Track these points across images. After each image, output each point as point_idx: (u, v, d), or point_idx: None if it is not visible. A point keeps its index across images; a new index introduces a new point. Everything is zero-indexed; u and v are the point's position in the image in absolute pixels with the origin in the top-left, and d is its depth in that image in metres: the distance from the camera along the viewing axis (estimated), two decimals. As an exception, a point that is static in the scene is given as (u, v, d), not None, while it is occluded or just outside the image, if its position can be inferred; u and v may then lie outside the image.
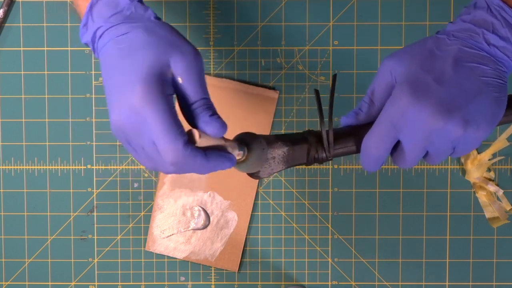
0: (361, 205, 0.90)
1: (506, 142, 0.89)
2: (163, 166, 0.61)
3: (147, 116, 0.59)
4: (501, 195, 0.90)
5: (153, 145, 0.60)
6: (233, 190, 0.90)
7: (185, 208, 0.90)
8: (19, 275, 0.91)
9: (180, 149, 0.59)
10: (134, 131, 0.60)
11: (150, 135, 0.59)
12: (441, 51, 0.64)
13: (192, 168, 0.61)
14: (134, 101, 0.59)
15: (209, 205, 0.90)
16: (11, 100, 0.90)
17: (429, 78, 0.62)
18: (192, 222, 0.90)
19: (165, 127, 0.59)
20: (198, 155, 0.60)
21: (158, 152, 0.60)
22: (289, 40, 0.89)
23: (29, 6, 0.89)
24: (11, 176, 0.90)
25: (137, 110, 0.59)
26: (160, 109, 0.59)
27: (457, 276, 0.90)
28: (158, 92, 0.59)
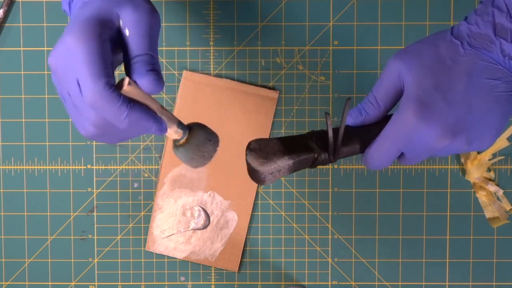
0: (361, 205, 0.90)
1: (506, 142, 0.89)
2: (84, 111, 0.59)
3: (77, 53, 0.58)
4: (501, 195, 0.90)
5: (77, 86, 0.58)
6: (233, 190, 0.90)
7: (185, 208, 0.90)
8: (19, 275, 0.91)
9: (100, 88, 0.57)
10: (63, 71, 0.59)
11: (76, 73, 0.58)
12: (454, 61, 0.62)
13: (111, 114, 0.58)
14: (69, 39, 0.58)
15: (209, 205, 0.90)
16: (11, 100, 0.90)
17: (439, 98, 0.61)
18: (192, 222, 0.90)
19: (91, 65, 0.57)
20: (120, 100, 0.58)
21: (80, 94, 0.58)
22: (289, 40, 0.89)
23: (29, 6, 0.89)
24: (11, 176, 0.90)
25: (68, 48, 0.58)
26: (90, 47, 0.58)
27: (457, 276, 0.90)
28: (94, 32, 0.58)
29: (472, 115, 0.62)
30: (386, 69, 0.65)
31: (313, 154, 0.65)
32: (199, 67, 0.90)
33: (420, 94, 0.61)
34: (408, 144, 0.63)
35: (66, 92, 0.60)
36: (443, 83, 0.61)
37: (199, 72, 0.90)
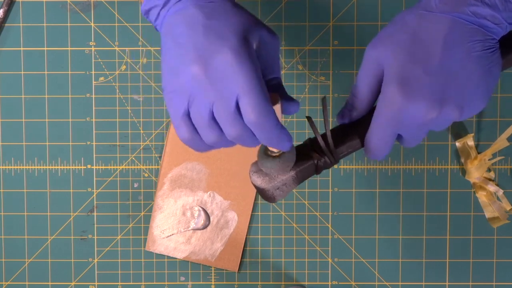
0: (361, 205, 0.90)
1: (506, 142, 0.89)
2: (227, 126, 0.60)
3: (238, 73, 0.58)
4: (501, 195, 0.90)
5: (233, 101, 0.59)
6: (233, 190, 0.90)
7: (185, 208, 0.90)
8: (19, 275, 0.91)
9: (266, 107, 0.58)
10: (218, 83, 0.59)
11: (237, 89, 0.58)
12: (427, 32, 0.62)
13: (266, 132, 0.60)
14: (227, 55, 0.58)
15: (209, 205, 0.90)
16: (11, 100, 0.90)
17: (419, 71, 0.61)
18: (192, 222, 0.90)
19: (258, 87, 0.58)
20: (275, 118, 0.60)
21: (232, 110, 0.59)
22: (289, 40, 0.89)
23: (29, 6, 0.89)
24: (11, 176, 0.90)
25: (229, 62, 0.58)
26: (254, 67, 0.59)
27: (457, 276, 0.90)
28: (252, 52, 0.59)
29: (455, 81, 0.61)
30: (364, 60, 0.64)
31: (312, 160, 0.66)
32: (199, 67, 0.90)
33: (399, 72, 0.61)
34: (401, 124, 0.62)
35: (206, 104, 0.60)
36: (420, 55, 0.61)
37: (199, 72, 0.89)
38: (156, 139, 0.90)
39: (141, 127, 0.90)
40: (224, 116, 0.59)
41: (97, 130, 0.90)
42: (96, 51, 0.90)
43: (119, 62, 0.90)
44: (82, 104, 0.90)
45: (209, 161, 0.89)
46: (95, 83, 0.90)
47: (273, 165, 0.64)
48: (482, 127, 0.90)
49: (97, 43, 0.89)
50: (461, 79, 0.61)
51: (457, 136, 0.90)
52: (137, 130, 0.90)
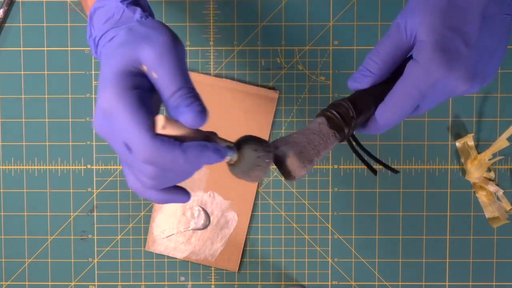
0: (361, 205, 0.90)
1: (506, 142, 0.89)
2: (140, 168, 0.56)
3: (117, 115, 0.55)
4: (501, 195, 0.90)
5: (125, 147, 0.56)
6: (233, 190, 0.90)
7: (185, 208, 0.90)
8: (19, 275, 0.91)
9: (150, 143, 0.54)
10: (111, 137, 0.57)
11: (122, 136, 0.56)
12: (464, 0, 0.60)
13: (172, 163, 0.55)
14: (104, 105, 0.56)
15: (209, 205, 0.90)
16: (11, 100, 0.90)
17: (459, 41, 0.59)
18: (192, 222, 0.90)
19: (132, 123, 0.54)
20: (173, 146, 0.55)
21: (131, 155, 0.56)
22: (289, 40, 0.89)
23: (29, 6, 0.89)
24: (11, 176, 0.90)
25: (108, 113, 0.56)
26: (126, 105, 0.55)
27: (457, 276, 0.90)
28: (126, 89, 0.55)
29: (487, 54, 0.60)
30: (392, 27, 0.62)
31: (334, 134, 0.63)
32: (199, 67, 0.90)
33: (440, 39, 0.59)
34: (429, 93, 0.60)
35: (118, 153, 0.58)
36: (460, 25, 0.59)
37: (199, 72, 0.89)
38: (156, 139, 0.90)
39: (141, 127, 0.90)
40: (129, 163, 0.57)
41: (97, 130, 0.90)
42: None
43: (119, 62, 0.90)
44: (82, 104, 0.90)
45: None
46: (95, 83, 0.90)
47: (234, 172, 0.60)
48: (482, 127, 0.90)
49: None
50: (490, 53, 0.60)
51: (457, 136, 0.90)
52: (137, 130, 0.90)
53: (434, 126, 0.90)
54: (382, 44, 0.62)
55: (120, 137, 0.55)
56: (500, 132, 0.89)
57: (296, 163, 0.61)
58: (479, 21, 0.60)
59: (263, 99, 0.89)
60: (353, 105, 0.63)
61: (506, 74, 0.89)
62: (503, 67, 0.89)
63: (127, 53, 0.57)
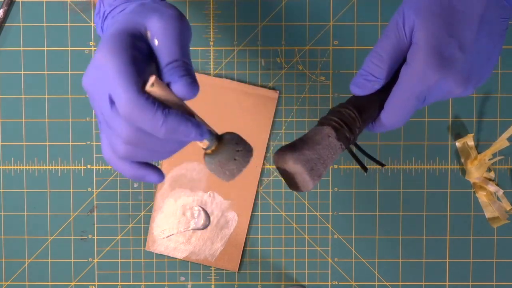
0: (361, 205, 0.90)
1: (506, 142, 0.89)
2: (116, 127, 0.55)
3: (108, 67, 0.55)
4: (501, 195, 0.90)
5: (108, 101, 0.55)
6: (233, 190, 0.90)
7: (185, 208, 0.90)
8: (19, 275, 0.91)
9: (134, 96, 0.53)
10: (96, 90, 0.56)
11: (108, 87, 0.55)
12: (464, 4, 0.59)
13: (151, 124, 0.54)
14: (98, 56, 0.56)
15: (209, 205, 0.90)
16: (11, 100, 0.90)
17: (455, 46, 0.59)
18: (192, 222, 0.90)
19: (122, 75, 0.54)
20: (155, 106, 0.54)
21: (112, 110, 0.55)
22: (289, 40, 0.89)
23: (29, 6, 0.89)
24: (11, 176, 0.90)
25: (98, 65, 0.56)
26: (120, 58, 0.55)
27: (457, 276, 0.90)
28: (122, 44, 0.55)
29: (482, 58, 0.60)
30: (390, 26, 0.61)
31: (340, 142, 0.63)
32: (199, 67, 0.90)
33: (435, 44, 0.59)
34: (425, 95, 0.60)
35: (100, 113, 0.57)
36: (457, 29, 0.59)
37: (199, 72, 0.89)
38: (156, 139, 0.90)
39: (141, 127, 0.90)
40: (107, 119, 0.56)
41: (97, 130, 0.90)
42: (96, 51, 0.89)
43: (119, 62, 0.90)
44: (82, 104, 0.90)
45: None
46: (95, 83, 0.90)
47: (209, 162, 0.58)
48: (482, 127, 0.90)
49: (97, 43, 0.89)
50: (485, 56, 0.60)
51: (457, 136, 0.90)
52: (137, 130, 0.90)
53: (434, 126, 0.90)
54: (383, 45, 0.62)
55: (106, 89, 0.55)
56: (500, 132, 0.89)
57: (306, 179, 0.61)
58: (476, 25, 0.59)
59: (263, 99, 0.89)
60: (359, 114, 0.62)
61: (506, 74, 0.89)
62: (503, 67, 0.89)
63: (135, 18, 0.58)
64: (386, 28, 0.62)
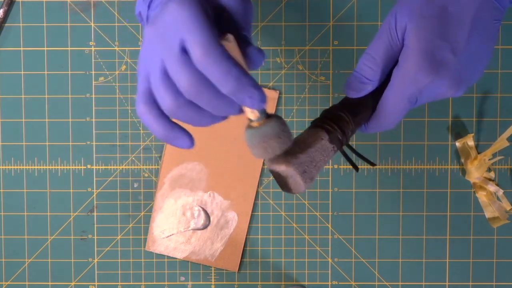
0: (361, 205, 0.90)
1: (506, 142, 0.89)
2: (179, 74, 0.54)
3: (184, 14, 0.53)
4: (501, 195, 0.90)
5: (178, 47, 0.54)
6: (233, 190, 0.90)
7: (185, 208, 0.90)
8: (19, 275, 0.91)
9: (212, 43, 0.52)
10: (163, 35, 0.55)
11: (181, 33, 0.53)
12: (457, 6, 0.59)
13: (219, 74, 0.53)
14: (172, 5, 0.54)
15: (209, 205, 0.90)
16: (11, 100, 0.90)
17: (447, 49, 0.59)
18: (192, 222, 0.90)
19: (201, 23, 0.53)
20: (231, 59, 0.53)
21: (181, 56, 0.54)
22: (289, 40, 0.89)
23: (29, 6, 0.89)
24: (11, 176, 0.90)
25: (172, 12, 0.54)
26: (198, 8, 0.53)
27: (457, 276, 0.90)
28: (199, 3, 0.54)
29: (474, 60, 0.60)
30: (383, 28, 0.61)
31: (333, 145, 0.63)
32: (199, 67, 0.90)
33: (426, 46, 0.59)
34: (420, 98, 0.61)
35: (157, 62, 0.55)
36: (449, 31, 0.59)
37: (199, 72, 0.89)
38: (156, 139, 0.90)
39: (141, 127, 0.90)
40: (171, 66, 0.54)
41: (97, 130, 0.90)
42: (96, 51, 0.90)
43: (119, 62, 0.90)
44: (82, 104, 0.90)
45: (209, 161, 0.89)
46: (95, 83, 0.90)
47: (252, 135, 0.58)
48: (482, 127, 0.90)
49: (97, 43, 0.89)
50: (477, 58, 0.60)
51: (457, 136, 0.90)
52: (137, 130, 0.90)
53: (434, 126, 0.90)
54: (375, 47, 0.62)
55: (178, 35, 0.54)
56: (500, 132, 0.89)
57: (299, 182, 0.61)
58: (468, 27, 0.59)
59: (263, 99, 0.89)
60: (352, 117, 0.63)
61: (506, 74, 0.89)
62: (503, 67, 0.89)
63: None
64: (379, 30, 0.62)
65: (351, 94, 0.63)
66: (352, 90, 0.63)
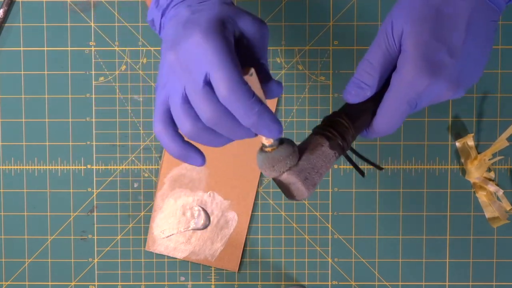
0: (361, 205, 0.90)
1: (506, 142, 0.89)
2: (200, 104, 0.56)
3: (209, 48, 0.55)
4: (501, 195, 0.90)
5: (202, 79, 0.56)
6: (233, 190, 0.90)
7: (185, 208, 0.90)
8: (19, 275, 0.91)
9: (237, 80, 0.55)
10: (187, 65, 0.57)
11: (206, 66, 0.55)
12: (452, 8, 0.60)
13: (242, 109, 0.56)
14: (198, 34, 0.56)
15: (209, 205, 0.90)
16: (11, 100, 0.90)
17: (444, 51, 0.59)
18: (192, 222, 0.90)
19: (226, 58, 0.55)
20: (254, 95, 0.55)
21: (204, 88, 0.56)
22: (289, 40, 0.89)
23: (29, 6, 0.89)
24: (11, 176, 0.90)
25: (198, 42, 0.56)
26: (222, 43, 0.55)
27: (457, 276, 0.90)
28: (221, 31, 0.56)
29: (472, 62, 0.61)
30: (380, 33, 0.62)
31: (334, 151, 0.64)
32: (199, 67, 0.90)
33: (423, 50, 0.59)
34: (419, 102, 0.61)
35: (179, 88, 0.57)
36: (445, 34, 0.59)
37: (199, 72, 0.89)
38: (156, 139, 0.90)
39: (141, 127, 0.90)
40: (194, 96, 0.56)
41: (97, 130, 0.90)
42: (96, 51, 0.90)
43: (119, 62, 0.90)
44: (82, 104, 0.90)
45: (209, 161, 0.89)
46: (95, 83, 0.90)
47: (264, 158, 0.61)
48: (482, 127, 0.90)
49: (97, 43, 0.90)
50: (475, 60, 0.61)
51: (457, 136, 0.90)
52: (137, 130, 0.90)
53: (434, 126, 0.90)
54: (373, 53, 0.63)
55: (203, 68, 0.55)
56: (500, 132, 0.89)
57: (301, 188, 0.62)
58: (464, 29, 0.60)
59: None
60: (352, 122, 0.63)
61: (506, 74, 0.89)
62: (503, 67, 0.89)
63: (228, 13, 0.59)
64: (376, 36, 0.63)
65: (350, 100, 0.64)
66: (351, 96, 0.64)
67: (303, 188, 0.62)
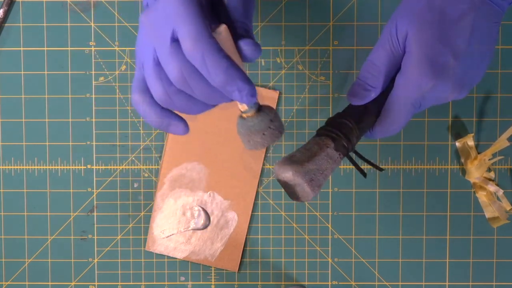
0: (361, 205, 0.90)
1: (506, 142, 0.89)
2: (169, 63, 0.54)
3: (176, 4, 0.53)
4: (501, 195, 0.90)
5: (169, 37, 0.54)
6: (233, 190, 0.90)
7: (185, 208, 0.90)
8: (19, 275, 0.91)
9: (203, 34, 0.52)
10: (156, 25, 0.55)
11: (172, 22, 0.53)
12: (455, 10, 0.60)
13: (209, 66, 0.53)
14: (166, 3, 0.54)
15: (209, 205, 0.90)
16: (11, 100, 0.90)
17: (448, 53, 0.59)
18: (192, 222, 0.90)
19: (192, 13, 0.53)
20: (222, 52, 0.53)
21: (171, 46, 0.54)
22: (289, 40, 0.89)
23: (29, 6, 0.89)
24: (11, 176, 0.90)
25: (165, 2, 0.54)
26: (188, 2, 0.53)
27: (457, 276, 0.90)
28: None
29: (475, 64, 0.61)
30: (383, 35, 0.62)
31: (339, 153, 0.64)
32: (199, 67, 0.90)
33: (427, 52, 0.59)
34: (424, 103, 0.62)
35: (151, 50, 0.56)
36: (449, 36, 0.60)
37: (199, 72, 0.89)
38: (156, 139, 0.90)
39: (141, 127, 0.90)
40: (163, 55, 0.54)
41: (97, 130, 0.90)
42: (96, 51, 0.90)
43: (119, 62, 0.90)
44: (82, 104, 0.90)
45: (209, 161, 0.89)
46: (95, 83, 0.90)
47: (240, 125, 0.59)
48: (482, 127, 0.90)
49: (97, 43, 0.89)
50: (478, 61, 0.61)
51: (457, 136, 0.90)
52: (137, 130, 0.90)
53: (434, 126, 0.90)
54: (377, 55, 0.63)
55: (170, 25, 0.53)
56: (500, 132, 0.89)
57: (306, 190, 0.62)
58: (468, 31, 0.60)
59: (263, 99, 0.89)
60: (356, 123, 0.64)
61: (506, 74, 0.89)
62: (503, 67, 0.89)
63: None
64: (380, 38, 0.63)
65: (354, 101, 0.64)
66: (356, 97, 0.64)
67: (308, 190, 0.62)
